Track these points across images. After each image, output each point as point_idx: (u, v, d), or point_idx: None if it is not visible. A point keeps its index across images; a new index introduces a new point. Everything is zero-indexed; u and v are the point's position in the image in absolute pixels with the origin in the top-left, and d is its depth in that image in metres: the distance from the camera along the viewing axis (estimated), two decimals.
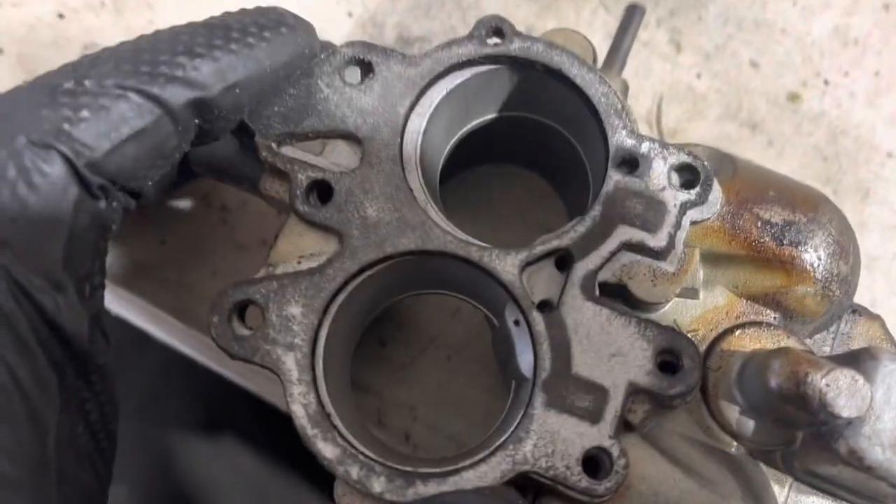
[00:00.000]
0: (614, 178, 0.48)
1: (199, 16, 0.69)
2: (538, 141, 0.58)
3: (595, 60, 0.53)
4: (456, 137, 0.56)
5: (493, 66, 0.51)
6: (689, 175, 0.48)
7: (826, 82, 0.70)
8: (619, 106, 0.49)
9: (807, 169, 0.68)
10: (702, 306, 0.50)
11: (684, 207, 0.47)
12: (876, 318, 0.53)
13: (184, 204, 0.64)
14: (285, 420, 0.63)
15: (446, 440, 0.61)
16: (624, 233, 0.46)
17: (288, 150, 0.48)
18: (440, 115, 0.51)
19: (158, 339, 0.67)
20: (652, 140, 0.48)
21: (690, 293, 0.49)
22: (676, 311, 0.50)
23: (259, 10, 0.48)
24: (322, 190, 0.47)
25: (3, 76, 0.68)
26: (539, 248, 0.47)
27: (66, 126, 0.39)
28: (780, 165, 0.68)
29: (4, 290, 0.36)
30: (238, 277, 0.62)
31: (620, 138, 0.48)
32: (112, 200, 0.42)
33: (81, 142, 0.39)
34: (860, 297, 0.62)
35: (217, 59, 0.43)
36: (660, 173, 0.48)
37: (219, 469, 1.00)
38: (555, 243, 0.47)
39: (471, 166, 0.64)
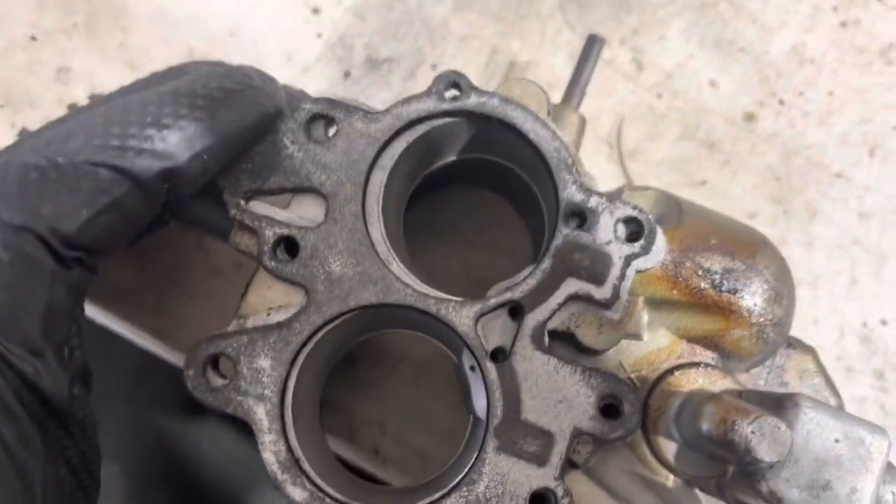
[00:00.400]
0: (563, 231, 0.50)
1: (170, 39, 0.70)
2: (497, 175, 0.61)
3: (549, 106, 0.55)
4: (416, 181, 0.58)
5: (451, 119, 0.53)
6: (634, 227, 0.50)
7: (781, 102, 0.72)
8: (570, 161, 0.51)
9: (760, 188, 0.71)
10: (645, 347, 0.54)
11: (629, 259, 0.50)
12: (809, 350, 0.57)
13: (161, 230, 0.67)
14: None
15: (414, 454, 0.65)
16: (572, 285, 0.50)
17: (255, 205, 0.51)
18: (401, 165, 0.54)
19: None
20: (600, 194, 0.50)
21: (634, 336, 0.53)
22: (621, 353, 0.53)
23: (225, 72, 0.49)
24: (288, 245, 0.50)
25: None
26: (493, 301, 0.50)
27: (40, 207, 0.41)
28: (735, 185, 0.71)
29: None
30: (214, 301, 0.66)
31: (570, 193, 0.51)
32: (86, 268, 0.45)
33: (55, 220, 0.42)
34: (805, 315, 0.66)
35: (184, 129, 0.45)
36: (606, 227, 0.50)
37: (203, 444, 1.05)
38: (507, 296, 0.50)
39: (434, 191, 0.67)
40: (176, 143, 0.45)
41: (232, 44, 0.72)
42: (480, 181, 0.67)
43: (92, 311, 0.66)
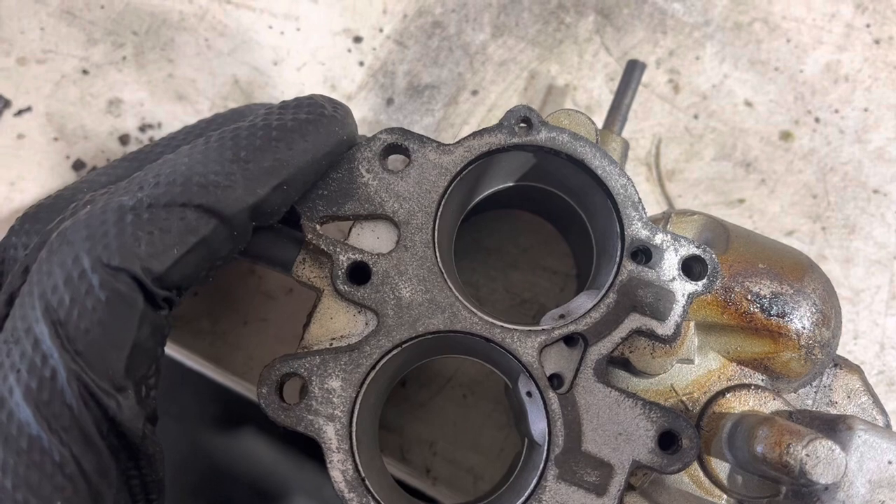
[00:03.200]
0: (628, 267, 0.51)
1: (216, 70, 0.72)
2: (547, 202, 0.62)
3: (597, 136, 0.56)
4: (468, 208, 0.60)
5: (518, 151, 0.54)
6: (698, 266, 0.51)
7: (817, 120, 0.74)
8: (636, 198, 0.52)
9: (797, 206, 0.72)
10: (696, 371, 0.55)
11: (692, 297, 0.51)
12: (855, 369, 0.58)
13: None
14: None
15: (464, 473, 0.66)
16: (635, 320, 0.51)
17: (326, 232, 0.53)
18: (455, 193, 0.55)
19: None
20: (664, 232, 0.52)
21: (686, 361, 0.54)
22: (673, 376, 0.55)
23: (297, 104, 0.51)
24: (361, 271, 0.52)
25: (33, 133, 0.71)
26: (557, 332, 0.51)
27: (134, 248, 0.43)
28: (772, 203, 0.72)
29: (76, 393, 0.42)
30: (267, 325, 0.68)
31: (636, 230, 0.52)
32: (172, 307, 0.47)
33: (149, 261, 0.44)
34: (845, 330, 0.67)
35: (262, 163, 0.47)
36: (670, 264, 0.51)
37: (236, 458, 1.07)
38: (572, 328, 0.51)
39: (480, 214, 0.68)
40: (256, 177, 0.47)
41: (276, 73, 0.73)
42: (525, 205, 0.68)
43: None
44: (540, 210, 0.68)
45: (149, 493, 0.48)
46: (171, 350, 0.70)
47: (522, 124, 0.53)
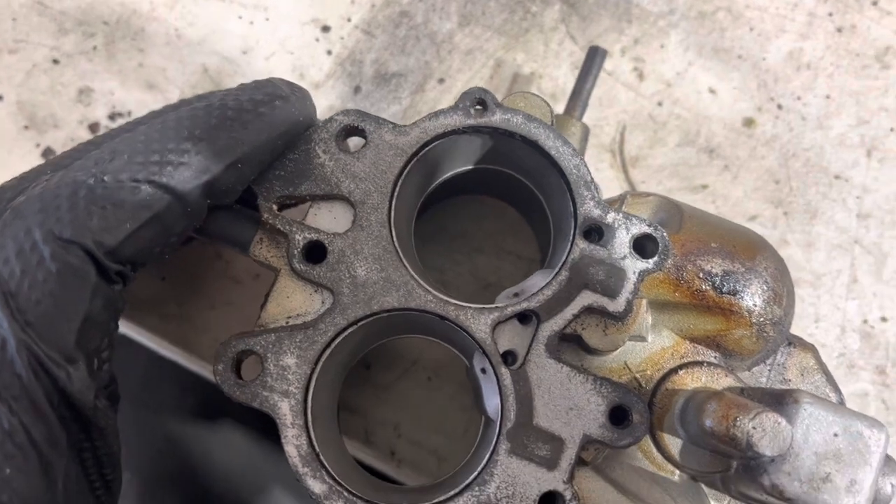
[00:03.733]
0: (580, 245, 0.52)
1: (185, 59, 0.73)
2: (503, 184, 0.63)
3: (552, 118, 0.57)
4: (427, 191, 0.61)
5: (473, 133, 0.55)
6: (649, 244, 0.52)
7: (779, 107, 0.74)
8: (589, 178, 0.53)
9: (760, 191, 0.73)
10: (650, 348, 0.56)
11: (643, 275, 0.52)
12: (809, 347, 0.59)
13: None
14: None
15: (428, 454, 0.67)
16: (586, 297, 0.51)
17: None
18: (415, 172, 0.56)
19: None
20: (616, 211, 0.52)
21: (639, 338, 0.55)
22: (626, 353, 0.56)
23: (255, 86, 0.52)
24: (317, 250, 0.53)
25: (3, 122, 0.72)
26: (510, 310, 0.52)
27: (87, 221, 0.44)
28: (736, 188, 0.73)
29: (25, 363, 0.43)
30: (233, 309, 0.68)
31: (588, 209, 0.53)
32: (126, 282, 0.48)
33: (101, 234, 0.45)
34: (806, 313, 0.68)
35: (217, 142, 0.48)
36: (622, 243, 0.52)
37: (213, 449, 1.07)
38: (524, 305, 0.52)
39: (444, 200, 0.69)
40: (211, 155, 0.48)
41: (245, 62, 0.74)
42: (487, 190, 0.69)
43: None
44: (503, 195, 0.68)
45: (102, 468, 0.49)
46: (141, 336, 0.70)
47: (478, 106, 0.54)
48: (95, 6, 0.74)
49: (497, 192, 0.68)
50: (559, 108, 0.70)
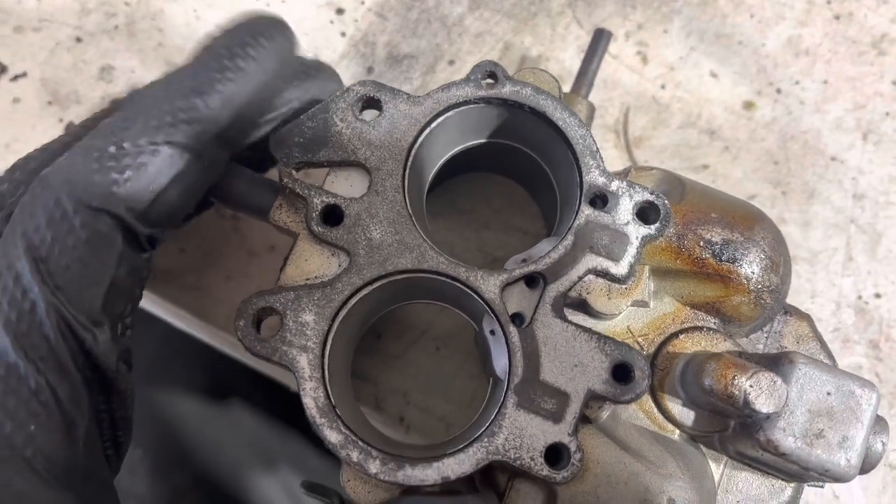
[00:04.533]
0: (586, 212, 0.55)
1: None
2: (515, 160, 0.65)
3: (560, 93, 0.59)
4: (443, 160, 0.63)
5: (484, 105, 0.58)
6: (651, 211, 0.55)
7: (778, 91, 0.77)
8: (594, 148, 0.55)
9: (759, 172, 0.75)
10: (651, 314, 0.58)
11: (645, 240, 0.54)
12: (805, 316, 0.61)
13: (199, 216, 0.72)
14: (280, 389, 0.72)
15: (437, 421, 0.69)
16: (591, 261, 0.54)
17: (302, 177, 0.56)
18: (428, 143, 0.58)
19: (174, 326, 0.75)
20: (620, 179, 0.55)
21: (641, 303, 0.57)
22: (629, 318, 0.58)
23: (238, 29, 0.54)
24: (334, 214, 0.55)
25: (28, 98, 0.74)
26: (518, 272, 0.54)
27: (115, 188, 0.46)
28: (735, 168, 0.76)
29: (54, 325, 0.45)
30: (249, 281, 0.71)
31: (593, 177, 0.55)
32: (155, 246, 0.50)
33: (128, 199, 0.47)
34: (803, 289, 0.70)
35: (221, 91, 0.50)
36: (625, 209, 0.55)
37: (223, 428, 1.10)
38: (532, 268, 0.54)
39: (454, 176, 0.72)
40: (219, 106, 0.50)
41: None
42: (495, 166, 0.71)
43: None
44: (510, 171, 0.71)
45: (116, 430, 0.51)
46: (159, 308, 0.73)
47: (489, 79, 0.57)
48: None
49: (504, 169, 0.70)
50: (566, 90, 0.72)
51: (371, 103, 0.57)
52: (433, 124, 0.57)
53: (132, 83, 0.75)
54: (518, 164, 0.65)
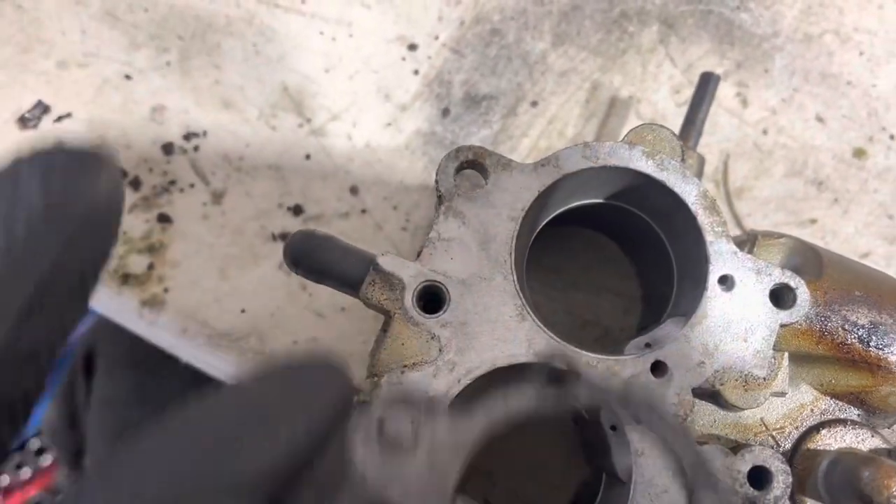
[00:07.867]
0: (713, 293, 0.48)
1: (264, 77, 0.69)
2: (624, 221, 0.59)
3: (683, 153, 0.53)
4: (538, 228, 0.57)
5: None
6: (787, 295, 0.49)
7: (892, 137, 0.70)
8: (720, 229, 0.49)
9: (872, 227, 0.69)
10: (787, 404, 0.52)
11: (781, 328, 0.48)
12: None
13: (262, 272, 0.65)
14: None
15: None
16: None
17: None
18: (529, 214, 0.52)
19: None
20: (753, 260, 0.49)
21: (780, 394, 0.51)
22: (763, 409, 0.51)
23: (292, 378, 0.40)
24: (434, 296, 0.49)
25: (73, 141, 0.68)
26: (642, 362, 0.48)
27: None
28: (846, 223, 0.69)
29: None
30: (317, 345, 0.64)
31: (720, 251, 0.49)
32: None
33: None
34: None
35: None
36: (756, 290, 0.48)
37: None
38: (657, 355, 0.48)
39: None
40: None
41: (327, 81, 0.70)
42: (597, 223, 0.65)
43: (191, 354, 0.65)
44: (612, 230, 0.64)
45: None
46: (217, 372, 0.66)
47: None
48: (169, 20, 0.70)
49: (606, 227, 0.64)
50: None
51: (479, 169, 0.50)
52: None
53: (186, 125, 0.69)
54: (627, 227, 0.59)
